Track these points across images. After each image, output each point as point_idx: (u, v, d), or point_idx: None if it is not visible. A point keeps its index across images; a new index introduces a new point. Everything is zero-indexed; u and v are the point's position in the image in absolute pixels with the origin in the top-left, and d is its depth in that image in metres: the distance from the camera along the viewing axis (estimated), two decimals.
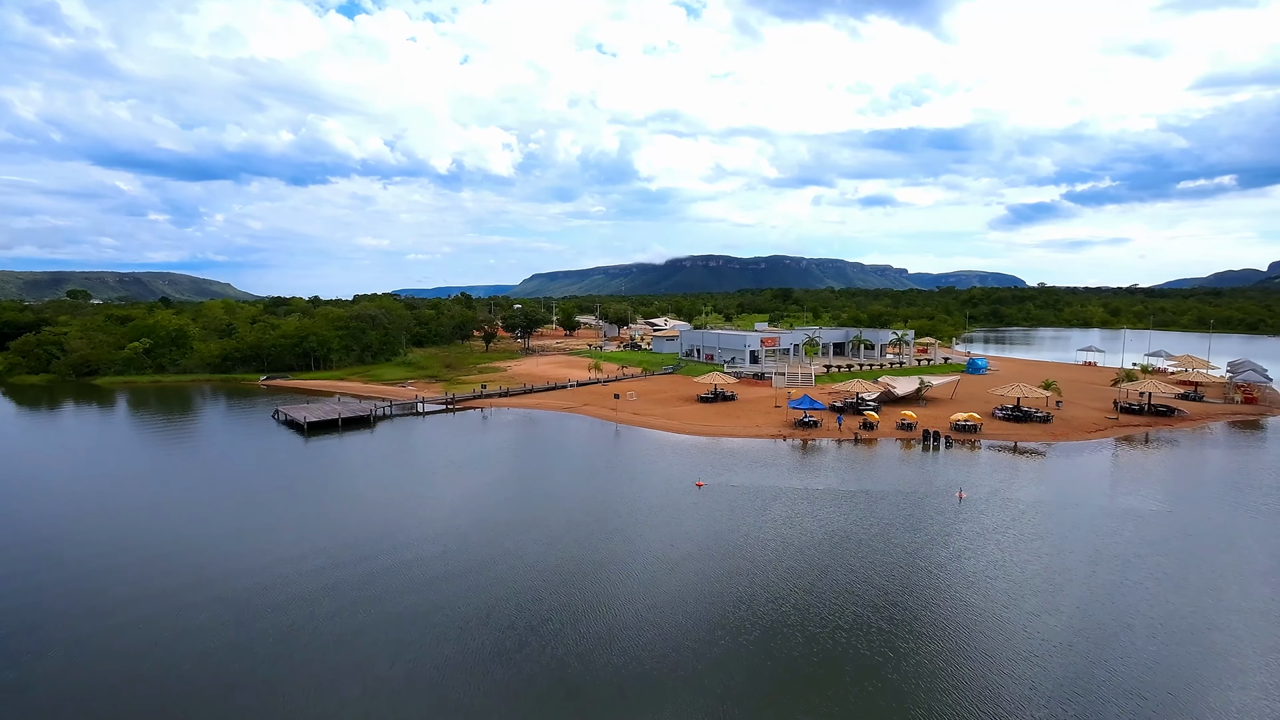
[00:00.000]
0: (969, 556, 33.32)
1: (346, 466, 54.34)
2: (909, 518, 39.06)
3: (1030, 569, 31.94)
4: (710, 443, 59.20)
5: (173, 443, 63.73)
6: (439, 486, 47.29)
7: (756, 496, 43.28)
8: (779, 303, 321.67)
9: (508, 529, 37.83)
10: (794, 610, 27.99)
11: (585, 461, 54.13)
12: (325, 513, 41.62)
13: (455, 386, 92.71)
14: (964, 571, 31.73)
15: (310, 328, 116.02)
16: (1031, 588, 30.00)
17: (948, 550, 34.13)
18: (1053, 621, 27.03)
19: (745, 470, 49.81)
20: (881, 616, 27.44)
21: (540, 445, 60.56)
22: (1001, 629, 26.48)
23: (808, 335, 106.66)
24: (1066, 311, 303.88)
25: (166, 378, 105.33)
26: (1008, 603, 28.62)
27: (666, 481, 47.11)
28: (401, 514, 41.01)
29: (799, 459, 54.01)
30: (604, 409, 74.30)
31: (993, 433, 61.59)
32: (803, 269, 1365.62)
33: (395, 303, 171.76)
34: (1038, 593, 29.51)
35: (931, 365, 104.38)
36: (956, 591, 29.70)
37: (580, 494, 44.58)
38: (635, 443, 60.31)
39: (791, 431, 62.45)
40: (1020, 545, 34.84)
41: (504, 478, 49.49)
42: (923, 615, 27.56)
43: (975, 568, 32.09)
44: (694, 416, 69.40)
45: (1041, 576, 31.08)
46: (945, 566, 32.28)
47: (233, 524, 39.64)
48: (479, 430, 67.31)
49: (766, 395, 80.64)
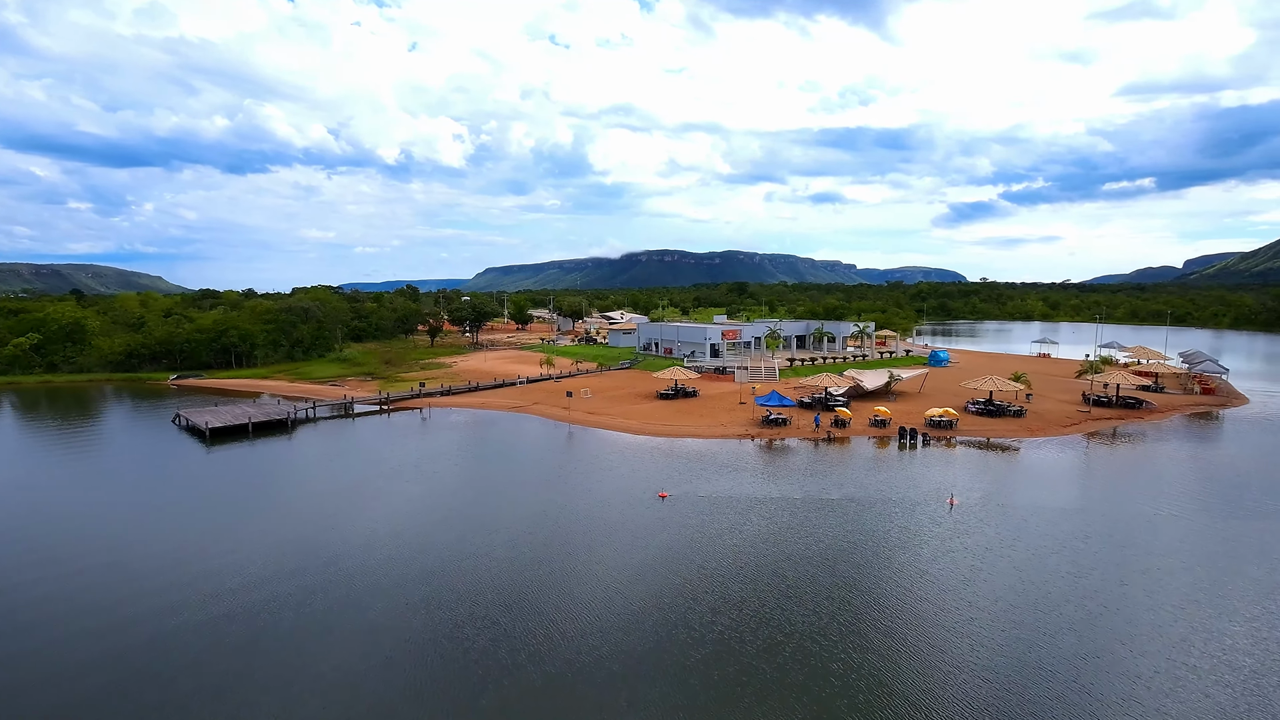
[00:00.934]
0: (984, 579, 28.69)
1: (250, 481, 46.44)
2: (903, 530, 34.41)
3: (1056, 593, 27.54)
4: (672, 445, 53.75)
5: (39, 453, 54.21)
6: (358, 505, 40.23)
7: (728, 509, 37.97)
8: (735, 296, 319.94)
9: (440, 560, 31.36)
10: (794, 662, 22.71)
11: (533, 470, 47.83)
12: (207, 540, 34.12)
13: (393, 385, 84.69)
14: (986, 603, 27.05)
15: (231, 321, 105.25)
16: (1066, 621, 25.53)
17: (956, 572, 29.47)
18: (1109, 667, 22.55)
19: (713, 477, 44.52)
20: (904, 680, 22.41)
21: (483, 451, 53.90)
22: (1047, 679, 21.81)
23: (769, 328, 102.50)
24: (1009, 305, 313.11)
25: (59, 377, 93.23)
26: (1041, 642, 24.04)
27: (625, 493, 41.34)
28: (307, 540, 33.93)
29: (770, 462, 49.09)
30: (556, 408, 68.02)
31: (968, 428, 58.21)
32: (756, 264, 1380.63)
33: (332, 295, 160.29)
34: (1074, 627, 25.03)
35: (894, 358, 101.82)
36: (988, 633, 24.92)
37: (526, 512, 38.33)
38: (590, 446, 54.33)
39: (759, 430, 57.61)
40: (1035, 563, 30.49)
41: (438, 491, 42.76)
42: (953, 678, 22.65)
43: (996, 594, 27.48)
44: (654, 415, 63.88)
45: (1073, 604, 26.63)
46: (961, 596, 27.57)
47: (77, 560, 31.82)
48: (415, 434, 60.05)
49: (730, 391, 75.83)
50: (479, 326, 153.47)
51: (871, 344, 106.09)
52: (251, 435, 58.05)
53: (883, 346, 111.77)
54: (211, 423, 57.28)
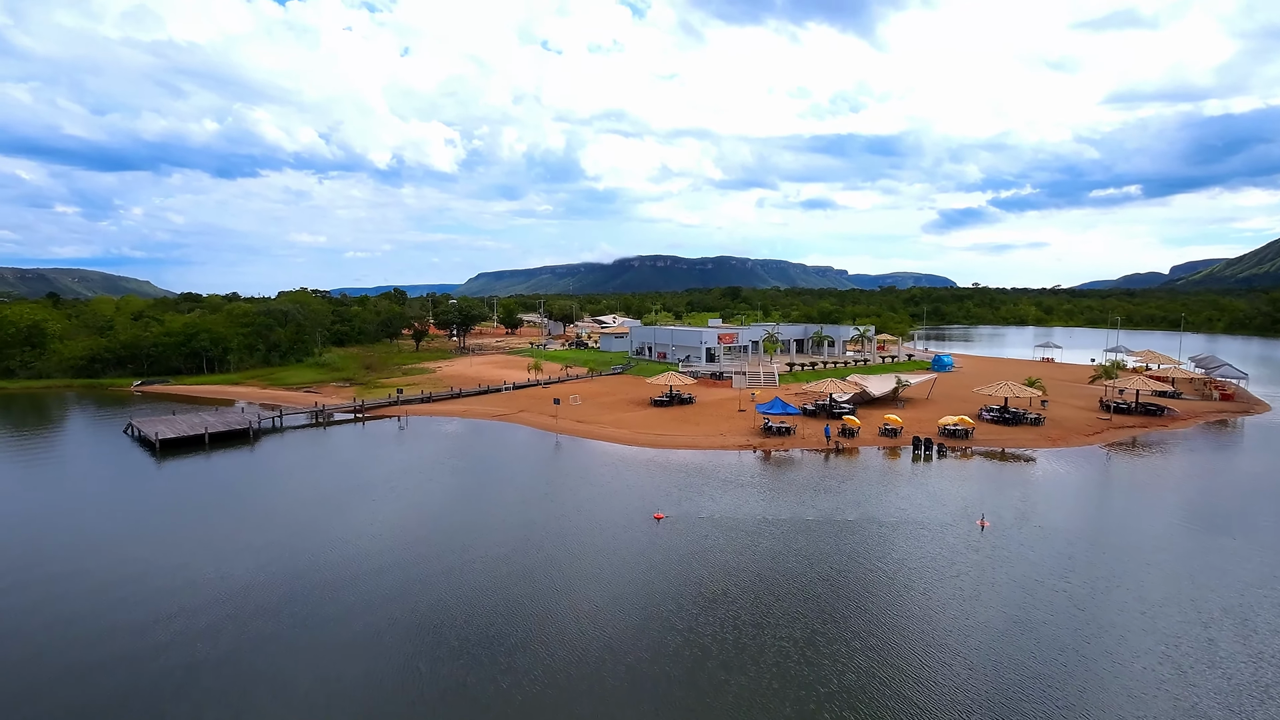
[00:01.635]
0: (1042, 621, 24.43)
1: (194, 500, 41.49)
2: (936, 559, 30.15)
3: (1133, 640, 23.37)
4: (667, 457, 49.36)
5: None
6: (318, 526, 35.53)
7: (733, 532, 33.62)
8: (728, 300, 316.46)
9: (405, 592, 26.77)
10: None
11: (515, 486, 43.26)
12: (143, 569, 29.35)
13: (372, 391, 79.83)
14: (1051, 652, 22.80)
15: (202, 324, 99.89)
16: (1155, 678, 21.35)
17: (1007, 610, 25.23)
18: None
19: (714, 493, 40.16)
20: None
21: (462, 464, 49.27)
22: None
23: (767, 331, 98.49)
24: (1002, 310, 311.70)
25: (13, 384, 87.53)
26: (1134, 707, 19.83)
27: (616, 513, 36.90)
28: (249, 570, 29.23)
29: (776, 476, 44.78)
30: (543, 416, 63.49)
31: (985, 438, 54.23)
32: (748, 269, 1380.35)
33: (313, 297, 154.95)
34: (1162, 684, 20.86)
35: (896, 363, 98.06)
36: (1066, 693, 20.67)
37: (506, 536, 33.80)
38: (579, 458, 49.83)
39: (761, 441, 53.33)
40: (1097, 600, 26.31)
41: (407, 512, 38.11)
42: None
43: (1061, 641, 23.24)
44: (647, 423, 59.47)
45: (1156, 654, 22.49)
46: (1019, 644, 23.32)
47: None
48: (389, 445, 55.31)
49: (728, 397, 71.57)
50: (466, 331, 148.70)
51: (873, 348, 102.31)
52: (208, 447, 53.11)
53: (884, 351, 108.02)
54: (163, 433, 52.29)
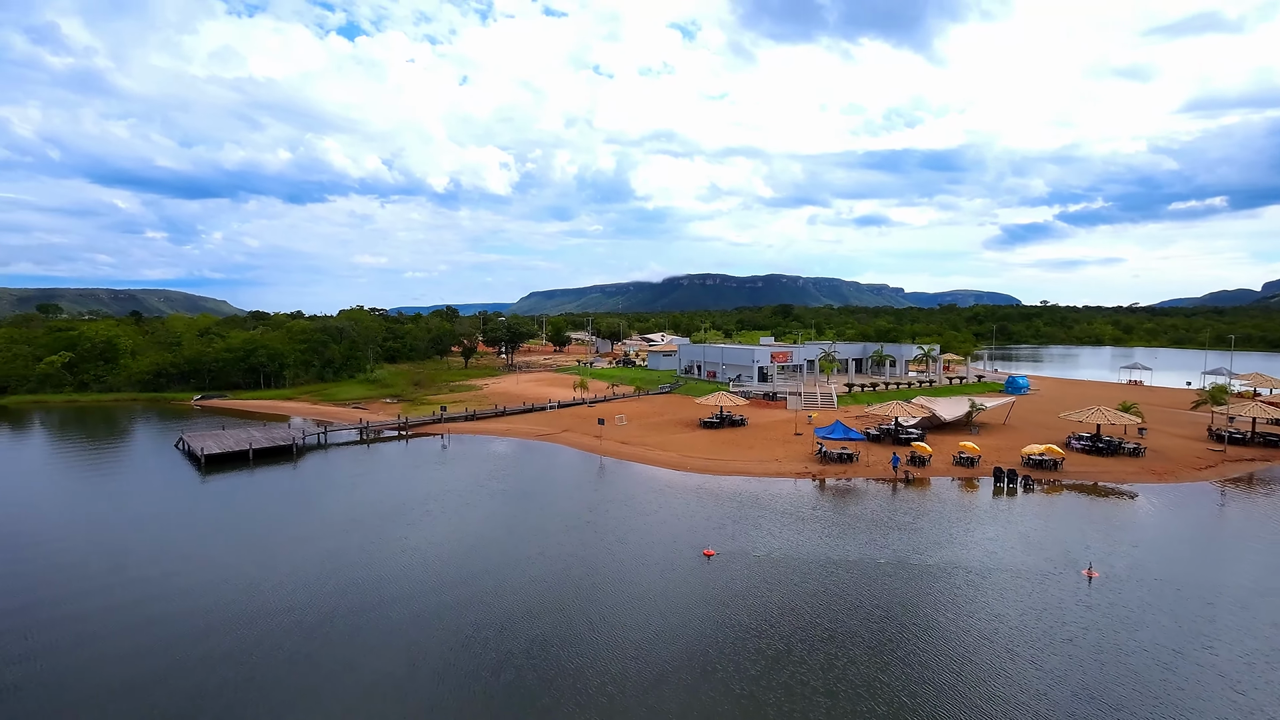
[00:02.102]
0: (1193, 706, 19.84)
1: (231, 517, 40.45)
2: (1040, 617, 25.55)
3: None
4: (718, 484, 45.77)
5: (29, 479, 49.79)
6: (340, 554, 33.63)
7: (793, 575, 29.81)
8: (779, 319, 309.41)
9: (432, 626, 24.23)
10: None
11: (555, 513, 40.52)
12: (161, 590, 27.88)
13: (417, 408, 79.29)
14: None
15: (259, 340, 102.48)
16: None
17: (1144, 688, 20.63)
18: None
19: (770, 527, 36.37)
20: None
21: (500, 486, 46.97)
22: None
23: (823, 350, 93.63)
24: (1076, 329, 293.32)
25: (85, 396, 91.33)
26: None
27: (661, 547, 33.61)
28: (266, 601, 27.33)
29: (839, 509, 40.55)
30: (587, 437, 60.90)
31: (1077, 470, 48.39)
32: (799, 287, 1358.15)
33: (368, 315, 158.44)
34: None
35: (965, 385, 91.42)
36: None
37: (542, 571, 30.99)
38: (623, 484, 46.78)
39: (820, 468, 49.09)
40: (1253, 676, 21.42)
41: (439, 539, 35.84)
42: None
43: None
44: (696, 446, 56.02)
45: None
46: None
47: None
48: (429, 464, 53.68)
49: (782, 419, 67.35)
50: (515, 348, 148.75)
51: (939, 368, 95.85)
52: (252, 463, 52.71)
53: (950, 372, 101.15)
54: (209, 449, 52.18)
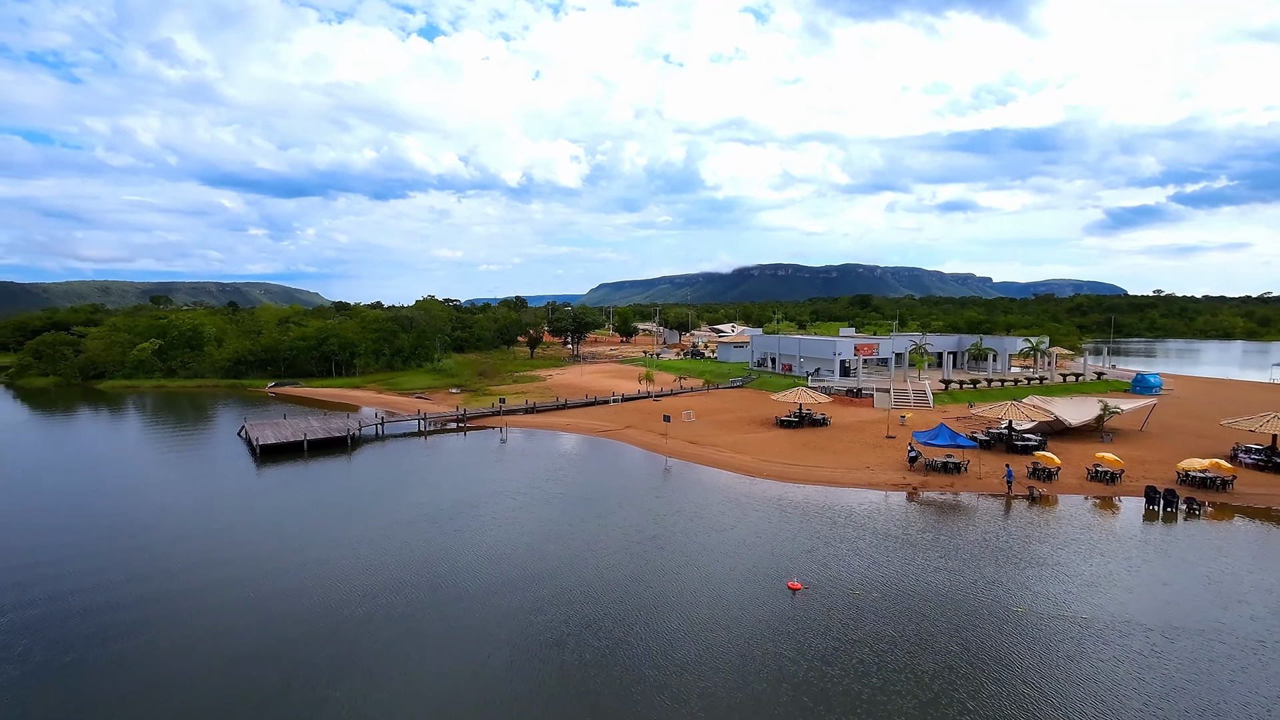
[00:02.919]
0: None
1: (273, 513, 38.23)
2: (1261, 708, 18.60)
3: None
4: (800, 494, 39.82)
5: (91, 462, 49.97)
6: (383, 560, 30.27)
7: (905, 622, 23.78)
8: (857, 309, 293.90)
9: (475, 662, 20.10)
10: None
11: (616, 524, 35.91)
12: (188, 583, 25.24)
13: (479, 399, 77.10)
14: None
15: (331, 329, 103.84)
16: None
17: None
18: None
19: (867, 552, 30.29)
20: None
21: (558, 489, 42.88)
22: None
23: (913, 342, 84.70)
24: (1199, 321, 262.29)
25: (172, 382, 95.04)
26: None
27: (737, 574, 28.29)
28: (296, 602, 24.09)
29: (949, 532, 33.81)
30: (651, 434, 56.13)
31: (1253, 490, 39.21)
32: (877, 277, 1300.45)
33: (438, 304, 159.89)
34: None
35: (1083, 383, 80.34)
36: None
37: (591, 614, 26.40)
38: (690, 491, 41.62)
39: (922, 479, 42.14)
40: None
41: (489, 547, 31.96)
42: None
43: None
44: (773, 449, 50.07)
45: None
46: None
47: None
48: (484, 460, 50.41)
49: (870, 420, 60.14)
50: (580, 338, 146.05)
51: (1052, 364, 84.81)
52: (306, 454, 51.13)
53: (1060, 368, 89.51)
54: (265, 439, 50.98)
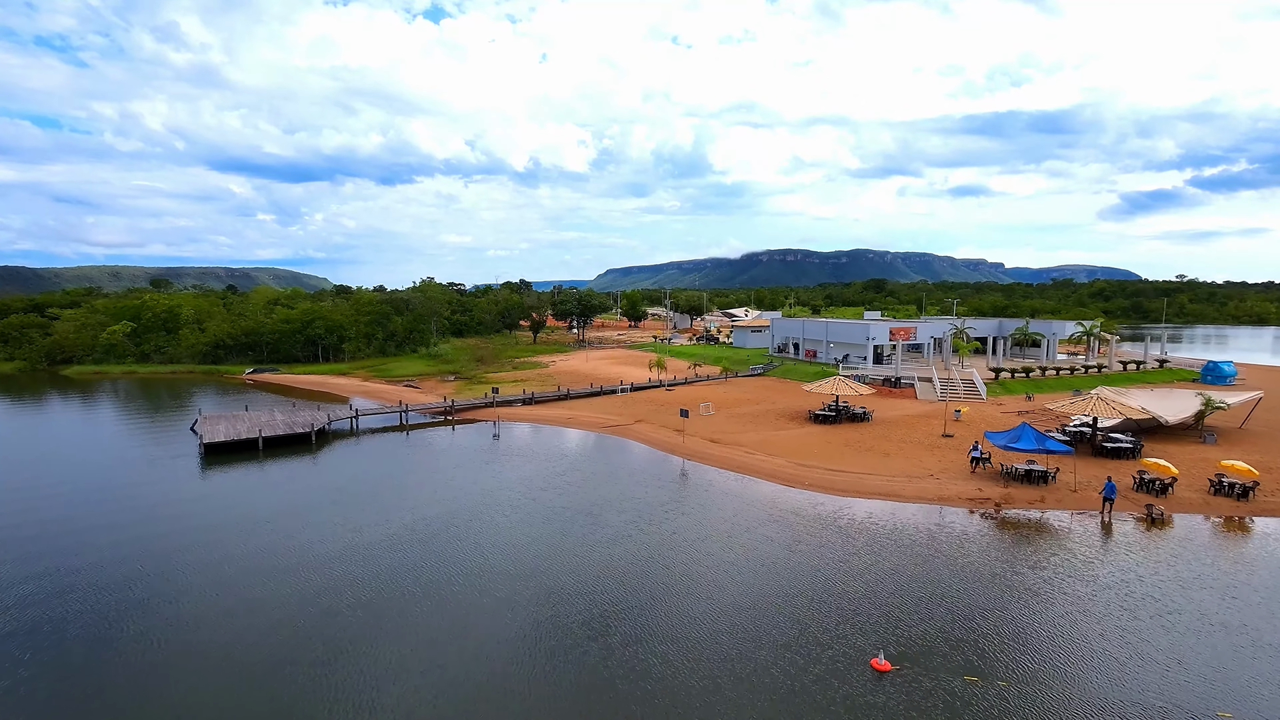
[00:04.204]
0: None
1: (176, 538, 30.70)
2: None
3: None
4: (857, 512, 31.99)
5: (25, 460, 42.78)
6: (291, 624, 22.82)
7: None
8: (872, 294, 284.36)
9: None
10: None
11: (621, 562, 28.24)
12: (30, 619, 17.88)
13: (473, 388, 69.65)
14: None
15: (317, 312, 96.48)
16: None
17: None
18: None
19: (972, 608, 22.50)
20: None
21: (553, 502, 35.29)
22: None
23: (953, 325, 76.41)
24: (1230, 307, 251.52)
25: (144, 368, 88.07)
26: None
27: (794, 643, 20.56)
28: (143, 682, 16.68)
29: (1075, 574, 25.84)
30: (665, 430, 48.40)
31: None
32: (888, 263, 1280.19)
33: (436, 286, 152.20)
34: None
35: (1145, 371, 71.92)
36: None
37: (609, 692, 18.77)
38: (716, 506, 33.85)
39: (1003, 491, 34.21)
40: None
41: (453, 599, 24.43)
42: None
43: None
44: (810, 449, 42.20)
45: None
46: None
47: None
48: (472, 462, 42.86)
49: (916, 414, 52.13)
50: (586, 322, 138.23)
51: (1111, 351, 76.16)
52: (262, 453, 43.74)
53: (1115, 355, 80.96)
54: (210, 436, 43.56)
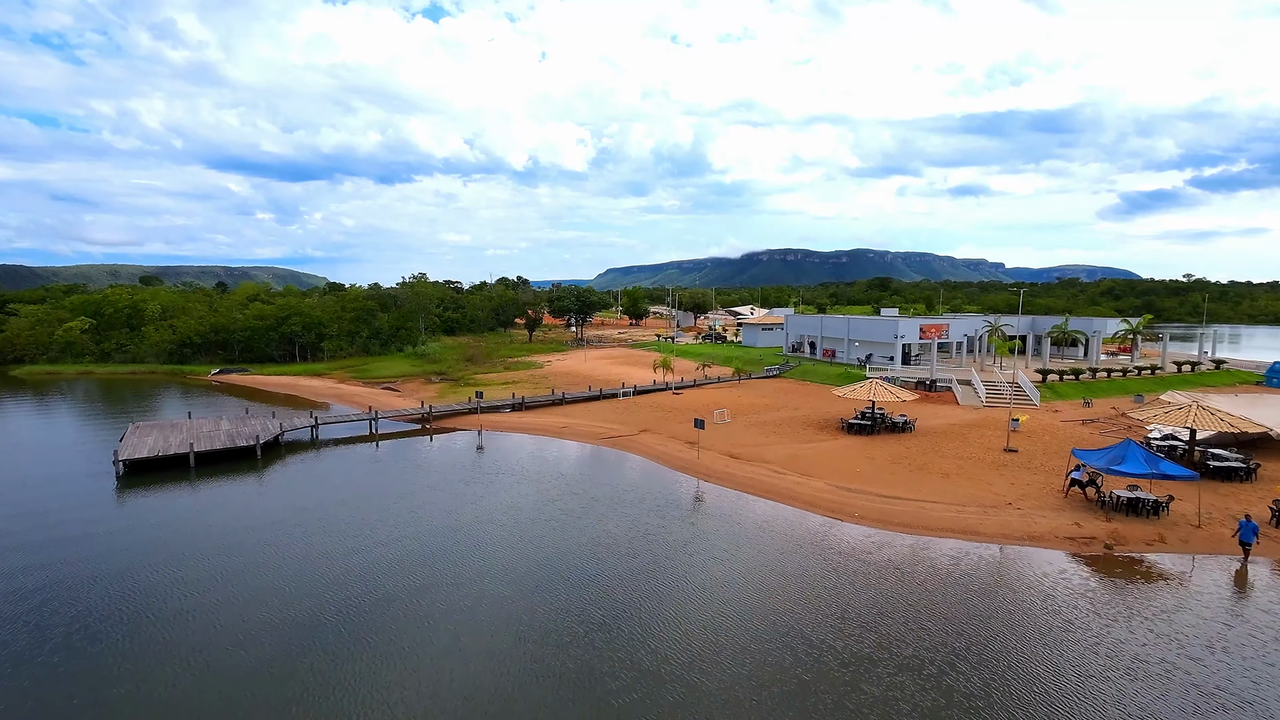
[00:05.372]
0: None
1: (44, 598, 23.67)
2: None
3: None
4: (933, 557, 24.88)
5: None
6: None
7: None
8: (877, 293, 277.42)
9: None
10: None
11: (634, 625, 21.19)
12: None
13: (461, 390, 62.70)
14: None
15: (294, 307, 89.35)
16: None
17: None
18: None
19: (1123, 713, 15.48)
20: None
21: (535, 547, 28.23)
22: None
23: (988, 322, 69.50)
24: (1245, 305, 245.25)
25: (102, 368, 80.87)
26: None
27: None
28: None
29: (1246, 655, 18.87)
30: (675, 442, 41.34)
31: None
32: (888, 263, 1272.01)
33: (425, 282, 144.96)
34: None
35: (1202, 372, 65.01)
36: None
37: None
38: (749, 547, 26.68)
39: (1107, 526, 27.16)
40: None
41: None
42: None
43: None
44: (851, 467, 35.13)
45: None
46: None
47: None
48: (449, 482, 35.74)
49: (963, 423, 45.09)
50: (585, 320, 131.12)
51: (1164, 351, 69.25)
52: (194, 472, 36.60)
53: (1152, 356, 73.98)
54: (130, 453, 36.35)
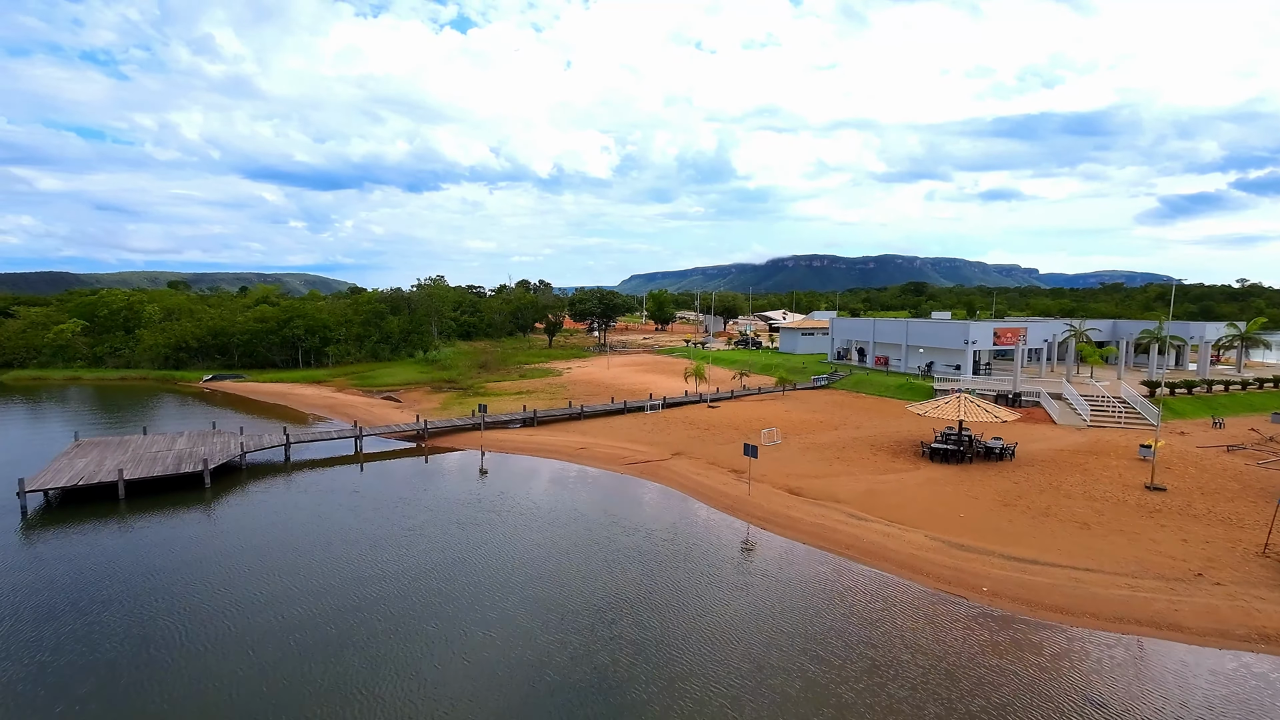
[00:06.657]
0: None
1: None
2: None
3: None
4: (1110, 664, 16.65)
5: None
6: None
7: None
8: (912, 297, 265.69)
9: None
10: None
11: None
12: None
13: (468, 400, 55.65)
14: None
15: (297, 309, 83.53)
16: None
17: None
18: None
19: None
20: None
21: (537, 643, 20.59)
22: None
23: (1069, 327, 60.43)
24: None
25: (91, 373, 75.58)
26: None
27: None
28: None
29: None
30: (716, 469, 33.39)
31: None
32: (916, 268, 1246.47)
33: (442, 285, 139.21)
34: None
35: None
36: None
37: None
38: (835, 642, 18.63)
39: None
40: None
41: None
42: None
43: None
44: (948, 512, 26.80)
45: None
46: None
47: None
48: (431, 526, 28.31)
49: (1073, 448, 36.32)
50: (608, 324, 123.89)
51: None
52: (123, 504, 29.72)
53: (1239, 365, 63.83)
54: (44, 480, 29.57)
